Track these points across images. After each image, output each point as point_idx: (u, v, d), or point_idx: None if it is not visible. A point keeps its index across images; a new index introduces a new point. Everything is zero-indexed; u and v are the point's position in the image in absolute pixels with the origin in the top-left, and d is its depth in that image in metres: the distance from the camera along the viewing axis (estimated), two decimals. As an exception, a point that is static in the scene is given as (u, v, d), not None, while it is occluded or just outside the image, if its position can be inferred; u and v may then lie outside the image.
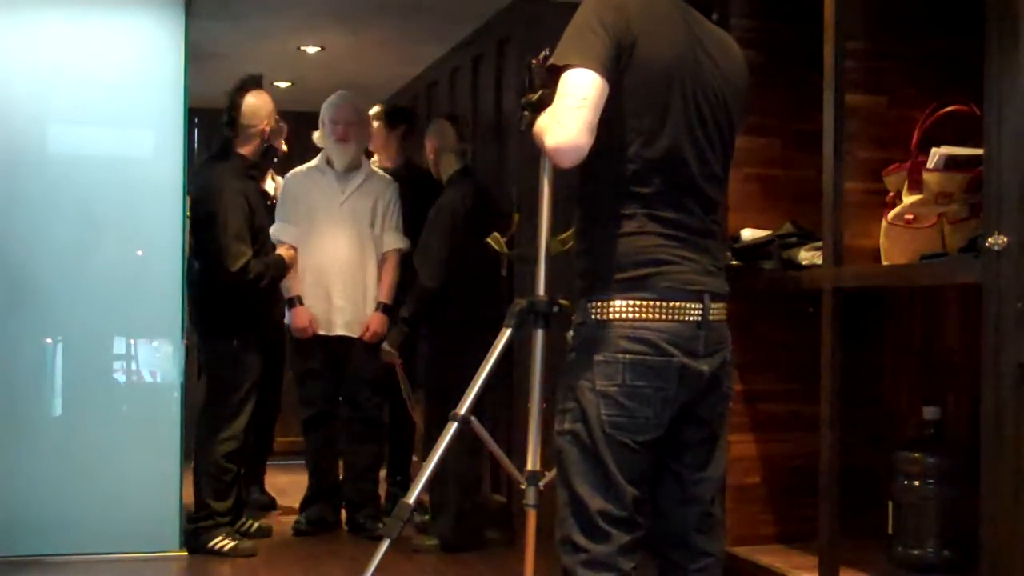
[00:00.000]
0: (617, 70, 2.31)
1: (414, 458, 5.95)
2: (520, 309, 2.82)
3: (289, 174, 5.43)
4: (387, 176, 5.48)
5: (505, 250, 4.99)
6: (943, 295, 3.79)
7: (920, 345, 3.93)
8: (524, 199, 4.99)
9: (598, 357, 2.37)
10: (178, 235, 4.90)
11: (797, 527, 3.90)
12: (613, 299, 2.37)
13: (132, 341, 4.97)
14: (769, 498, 3.96)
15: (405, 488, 5.29)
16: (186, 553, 4.82)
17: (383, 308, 5.27)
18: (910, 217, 3.25)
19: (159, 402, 4.97)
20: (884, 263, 3.33)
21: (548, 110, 2.34)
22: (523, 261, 4.92)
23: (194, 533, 4.89)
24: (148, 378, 5.01)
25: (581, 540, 2.37)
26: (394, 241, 5.33)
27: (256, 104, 4.99)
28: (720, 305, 2.46)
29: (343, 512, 5.43)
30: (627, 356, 2.35)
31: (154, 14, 4.96)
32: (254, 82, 5.05)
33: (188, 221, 4.98)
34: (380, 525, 5.14)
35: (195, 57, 5.17)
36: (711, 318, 2.41)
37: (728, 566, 3.81)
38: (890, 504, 3.50)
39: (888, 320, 4.02)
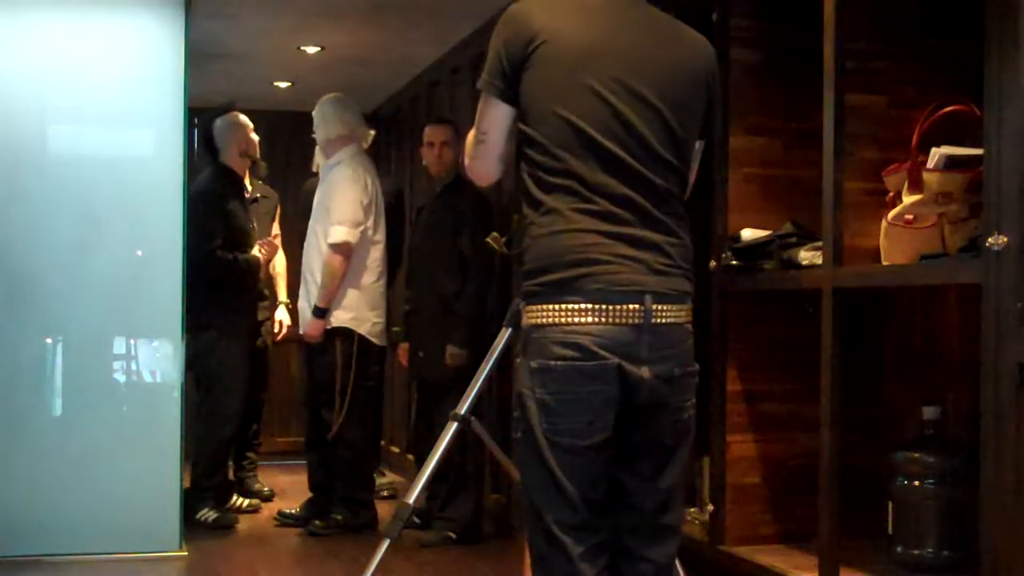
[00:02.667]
0: (515, 81, 2.38)
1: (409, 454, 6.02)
2: (519, 308, 2.82)
3: None
4: (350, 166, 5.27)
5: (504, 250, 5.00)
6: (943, 295, 3.79)
7: (920, 345, 3.93)
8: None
9: (533, 364, 2.31)
10: (178, 235, 4.90)
11: (797, 527, 3.90)
12: (543, 303, 2.31)
13: (132, 341, 4.96)
14: (769, 498, 3.96)
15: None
16: (186, 553, 4.82)
17: (316, 311, 5.17)
18: (910, 217, 3.25)
19: (159, 402, 4.97)
20: (884, 263, 3.33)
21: (473, 129, 2.51)
22: (523, 260, 4.92)
23: (187, 507, 5.15)
24: (148, 378, 5.01)
25: (542, 548, 2.36)
26: (330, 235, 5.14)
27: (225, 125, 5.54)
28: (671, 307, 2.33)
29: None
30: (559, 363, 2.27)
31: (154, 14, 4.96)
32: (225, 108, 5.61)
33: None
34: (319, 523, 5.26)
35: (195, 57, 5.17)
36: (656, 321, 2.30)
37: (728, 566, 3.82)
38: (890, 504, 3.50)
39: (888, 320, 4.02)
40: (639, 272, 2.30)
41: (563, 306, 2.28)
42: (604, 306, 2.27)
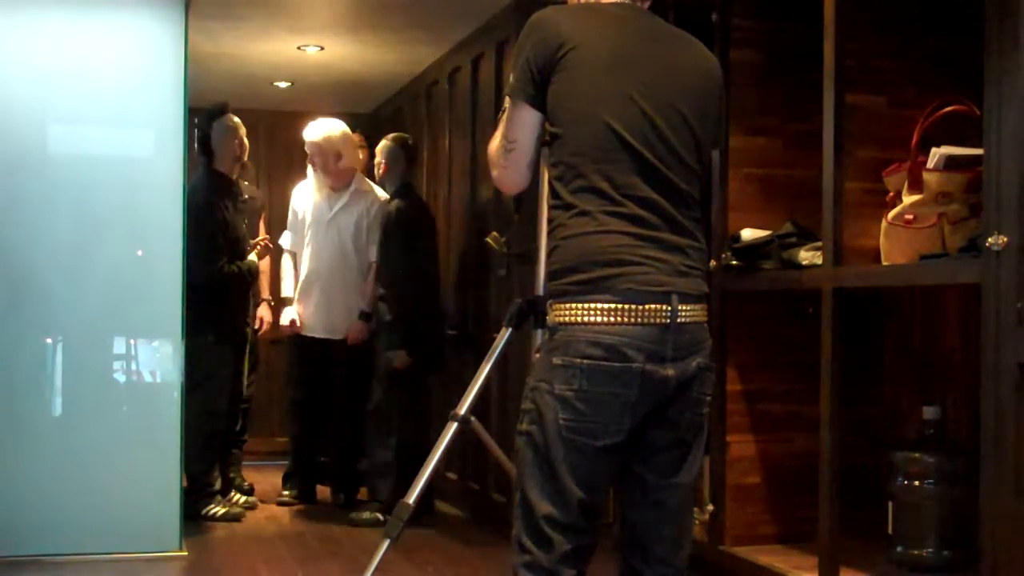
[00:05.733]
0: (544, 86, 2.39)
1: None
2: (519, 308, 2.81)
3: (296, 187, 6.10)
4: (374, 193, 5.95)
5: (504, 249, 5.00)
6: (943, 295, 3.79)
7: (920, 345, 3.94)
8: (524, 198, 4.99)
9: (556, 360, 2.33)
10: (178, 235, 4.90)
11: (797, 527, 3.90)
12: (572, 302, 2.33)
13: (132, 341, 4.96)
14: (769, 498, 3.96)
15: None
16: (186, 553, 4.82)
17: (364, 315, 5.80)
18: (910, 217, 3.25)
19: (159, 402, 4.96)
20: (884, 263, 3.33)
21: (495, 136, 2.51)
22: (523, 260, 4.93)
23: (189, 504, 5.25)
24: (148, 378, 5.00)
25: (527, 543, 2.37)
26: (376, 253, 5.78)
27: (223, 129, 5.62)
28: (694, 307, 2.38)
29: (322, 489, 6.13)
30: (585, 361, 2.30)
31: (154, 14, 4.95)
32: (220, 110, 5.66)
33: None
34: (341, 495, 5.93)
35: (195, 57, 5.17)
36: (681, 320, 2.34)
37: (728, 566, 3.82)
38: (890, 504, 3.50)
39: (888, 320, 4.03)
40: (666, 273, 2.34)
41: (592, 305, 2.31)
42: (633, 306, 2.31)
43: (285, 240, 5.98)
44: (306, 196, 5.98)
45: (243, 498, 5.88)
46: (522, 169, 2.50)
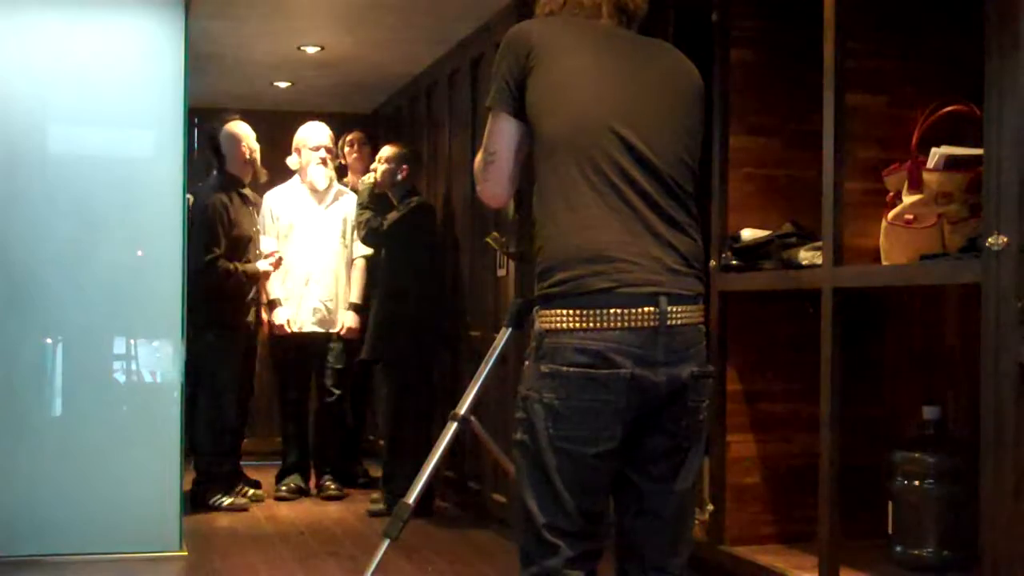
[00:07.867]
0: (521, 93, 2.39)
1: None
2: (519, 308, 2.82)
3: (268, 194, 6.29)
4: (353, 193, 6.23)
5: (505, 249, 5.01)
6: (943, 295, 3.79)
7: (920, 345, 3.94)
8: (523, 199, 5.00)
9: (544, 368, 2.29)
10: (178, 235, 4.90)
11: (797, 527, 3.90)
12: (557, 307, 2.29)
13: (132, 341, 4.97)
14: (769, 498, 3.96)
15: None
16: (186, 553, 4.82)
17: (355, 307, 6.15)
18: (910, 217, 3.25)
19: (159, 402, 4.97)
20: (884, 263, 3.33)
21: (480, 151, 2.51)
22: (523, 260, 4.94)
23: (197, 495, 5.68)
24: (148, 378, 5.01)
25: (531, 552, 2.35)
26: (363, 249, 6.12)
27: (231, 133, 5.89)
28: (686, 308, 2.32)
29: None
30: (571, 369, 2.25)
31: (154, 14, 4.95)
32: (224, 121, 5.97)
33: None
34: (331, 486, 6.16)
35: (195, 57, 5.17)
36: (671, 323, 2.28)
37: (728, 566, 3.82)
38: (890, 504, 3.50)
39: (888, 320, 4.02)
40: (653, 271, 2.28)
41: (578, 311, 2.26)
42: (619, 310, 2.25)
43: (265, 244, 6.09)
44: (289, 200, 6.22)
45: (251, 491, 6.02)
46: (503, 182, 2.46)
